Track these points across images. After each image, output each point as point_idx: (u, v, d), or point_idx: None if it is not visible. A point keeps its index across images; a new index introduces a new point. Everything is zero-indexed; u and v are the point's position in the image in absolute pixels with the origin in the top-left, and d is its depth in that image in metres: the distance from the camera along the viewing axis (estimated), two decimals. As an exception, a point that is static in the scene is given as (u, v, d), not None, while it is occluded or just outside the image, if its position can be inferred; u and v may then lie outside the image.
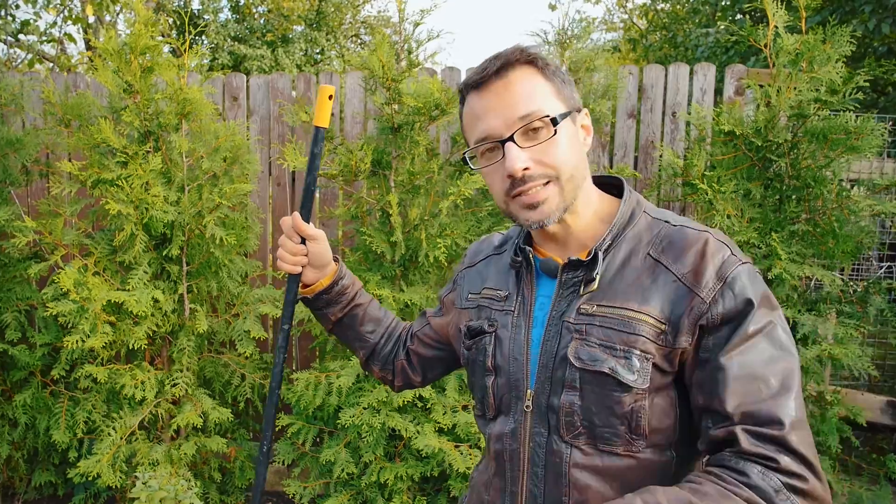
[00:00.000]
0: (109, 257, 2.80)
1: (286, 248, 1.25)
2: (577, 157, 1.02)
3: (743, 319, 0.92)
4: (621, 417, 0.95)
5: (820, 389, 2.63)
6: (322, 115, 1.24)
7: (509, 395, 1.06)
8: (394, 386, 1.39)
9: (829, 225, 2.63)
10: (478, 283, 1.19)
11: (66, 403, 2.92)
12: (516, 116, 0.98)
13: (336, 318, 1.34)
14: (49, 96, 2.79)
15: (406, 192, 2.76)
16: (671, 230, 1.01)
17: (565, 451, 0.99)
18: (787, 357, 0.91)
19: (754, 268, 0.97)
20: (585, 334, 0.98)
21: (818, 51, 2.59)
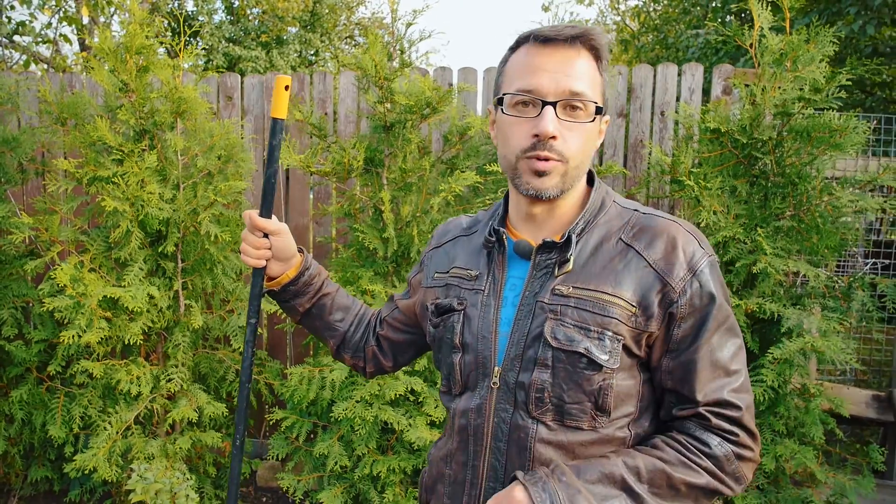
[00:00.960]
0: (105, 254, 2.83)
1: (248, 243, 1.27)
2: (588, 153, 1.08)
3: (708, 313, 1.01)
4: (589, 395, 1.01)
5: (804, 382, 2.68)
6: (279, 106, 1.23)
7: (476, 373, 1.10)
8: (365, 372, 1.42)
9: (813, 221, 2.68)
10: (445, 262, 1.23)
11: (63, 399, 2.95)
12: (570, 88, 1.02)
13: (304, 309, 1.35)
14: (46, 95, 2.82)
15: (398, 190, 2.80)
16: (641, 217, 1.08)
17: (531, 426, 1.03)
18: (739, 343, 1.05)
19: (716, 259, 1.06)
20: (560, 315, 1.02)
21: (802, 50, 2.65)
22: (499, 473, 1.06)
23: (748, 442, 1.02)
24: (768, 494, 2.71)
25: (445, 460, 1.15)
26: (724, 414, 1.01)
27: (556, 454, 1.02)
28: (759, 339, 2.76)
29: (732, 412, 1.01)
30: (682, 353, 1.02)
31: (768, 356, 2.53)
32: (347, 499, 2.73)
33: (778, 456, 2.61)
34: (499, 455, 1.06)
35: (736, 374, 1.03)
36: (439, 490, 1.17)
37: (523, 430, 1.03)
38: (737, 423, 1.02)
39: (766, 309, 2.60)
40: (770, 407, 2.69)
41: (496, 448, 1.06)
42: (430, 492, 1.21)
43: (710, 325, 1.01)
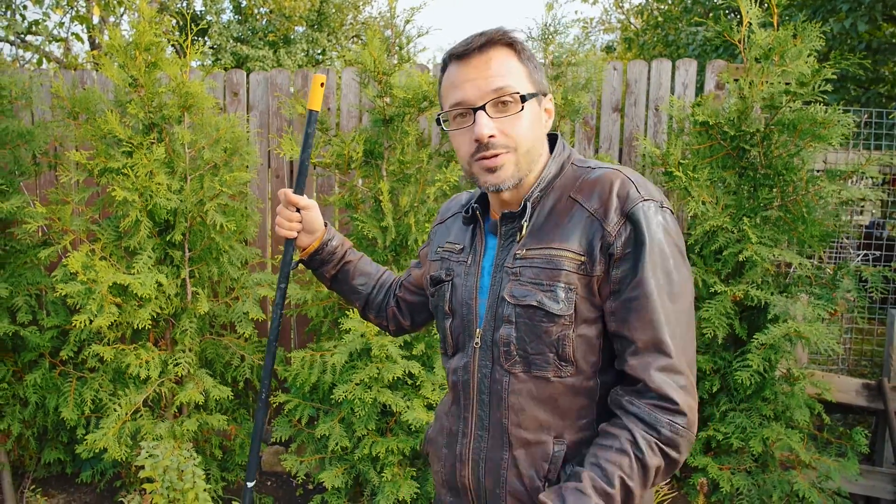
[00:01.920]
0: (115, 243, 2.94)
1: (283, 216, 1.45)
2: (536, 135, 1.16)
3: (641, 253, 1.06)
4: (549, 345, 1.11)
5: (789, 367, 2.76)
6: (315, 99, 1.42)
7: (463, 335, 1.23)
8: (389, 330, 1.59)
9: (799, 211, 2.76)
10: (444, 236, 1.36)
11: (75, 383, 3.06)
12: (490, 88, 1.11)
13: (331, 276, 1.54)
14: (59, 90, 2.94)
15: (397, 181, 2.90)
16: (590, 174, 1.16)
17: (505, 379, 1.15)
18: (680, 282, 1.08)
19: (656, 203, 1.09)
20: (519, 275, 1.13)
21: (789, 45, 2.73)
22: (484, 423, 1.19)
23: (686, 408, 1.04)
24: (756, 476, 2.79)
25: (446, 414, 1.29)
26: (666, 395, 1.03)
27: (528, 403, 1.13)
28: (746, 326, 2.85)
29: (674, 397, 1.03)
30: (622, 293, 1.07)
31: (754, 342, 2.62)
32: (348, 479, 2.83)
33: (765, 439, 2.70)
34: (483, 406, 1.18)
35: (674, 325, 1.05)
36: (439, 441, 1.31)
37: (499, 383, 1.16)
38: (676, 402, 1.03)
39: (753, 296, 2.68)
40: (757, 391, 2.77)
41: (481, 400, 1.19)
42: (431, 443, 1.35)
43: (646, 265, 1.05)
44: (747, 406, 2.78)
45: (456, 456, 1.24)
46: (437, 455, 1.31)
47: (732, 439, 2.71)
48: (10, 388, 3.10)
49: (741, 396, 2.79)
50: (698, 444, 2.85)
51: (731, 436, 2.72)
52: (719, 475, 2.73)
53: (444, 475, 1.28)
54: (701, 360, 2.82)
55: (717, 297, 2.73)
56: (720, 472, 2.74)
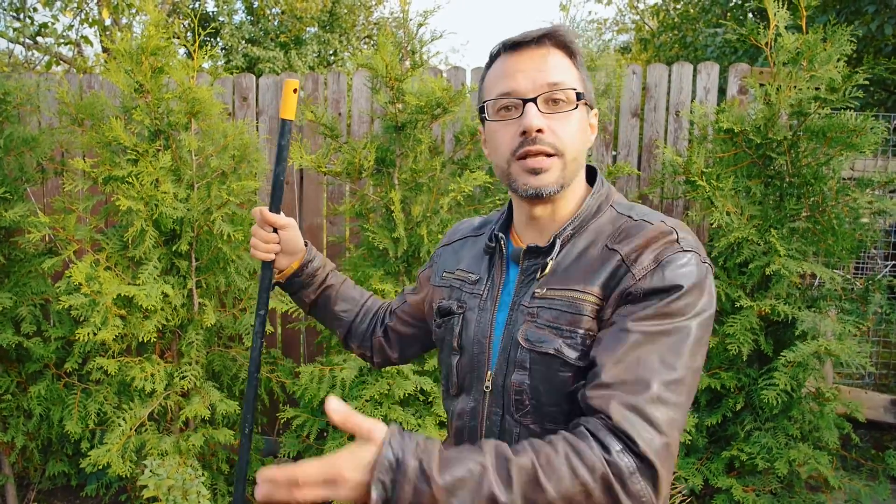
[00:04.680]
0: (121, 252, 2.87)
1: (258, 237, 1.32)
2: (582, 143, 1.07)
3: (664, 298, 0.93)
4: (566, 396, 0.99)
5: (818, 385, 2.65)
6: (287, 107, 1.28)
7: (471, 375, 1.11)
8: (373, 362, 1.45)
9: (829, 222, 2.65)
10: (453, 262, 1.24)
11: (79, 395, 3.00)
12: (546, 81, 1.03)
13: (310, 300, 1.41)
14: (63, 96, 2.87)
15: (409, 190, 2.81)
16: (631, 224, 1.04)
17: (515, 429, 1.04)
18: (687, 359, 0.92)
19: (703, 263, 0.98)
20: (536, 317, 1.02)
21: (818, 49, 2.61)
22: None
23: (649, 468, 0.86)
24: (782, 499, 2.68)
25: None
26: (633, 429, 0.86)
27: None
28: (772, 342, 2.73)
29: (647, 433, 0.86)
30: (619, 323, 0.94)
31: (781, 359, 2.50)
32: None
33: (791, 460, 2.58)
34: None
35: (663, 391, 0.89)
36: None
37: (509, 434, 1.05)
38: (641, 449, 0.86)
39: (780, 311, 2.57)
40: (784, 411, 2.66)
41: None
42: None
43: (665, 307, 0.92)
44: (773, 425, 2.67)
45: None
46: None
47: (758, 460, 2.60)
48: (14, 399, 3.04)
49: (767, 415, 2.68)
50: (721, 465, 2.73)
51: (756, 456, 2.61)
52: (744, 497, 2.62)
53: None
54: (724, 377, 2.70)
55: (743, 312, 2.61)
56: (745, 495, 2.63)
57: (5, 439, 3.00)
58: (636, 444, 0.85)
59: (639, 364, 0.90)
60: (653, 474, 0.84)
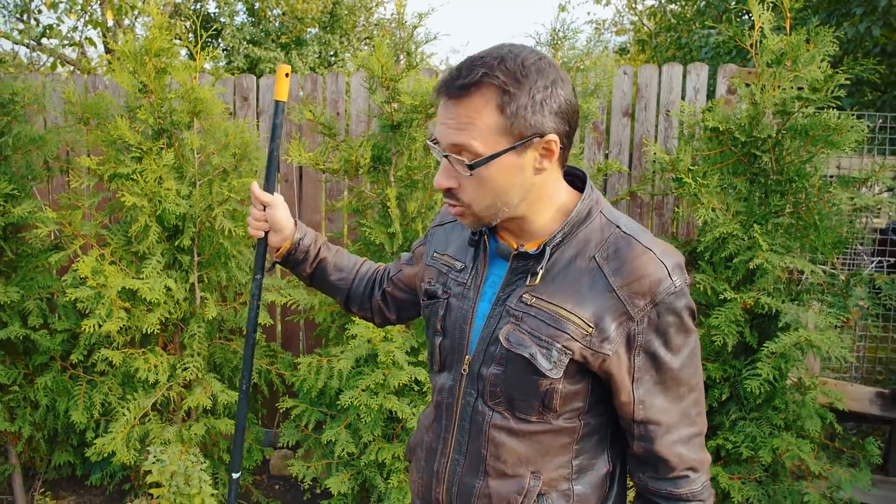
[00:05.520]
0: (125, 248, 2.96)
1: (252, 215, 1.45)
2: (506, 189, 1.06)
3: (667, 340, 1.06)
4: (536, 395, 1.09)
5: (800, 376, 2.73)
6: (280, 89, 1.44)
7: (452, 357, 1.20)
8: (374, 322, 1.55)
9: (812, 218, 2.73)
10: (443, 243, 1.31)
11: (84, 386, 3.08)
12: (450, 142, 1.04)
13: (308, 274, 1.52)
14: (70, 96, 2.96)
15: (405, 187, 2.90)
16: (619, 237, 1.08)
17: (488, 413, 1.13)
18: (699, 374, 1.11)
19: (686, 288, 1.08)
20: (519, 321, 1.09)
21: (801, 50, 2.69)
22: (462, 448, 1.17)
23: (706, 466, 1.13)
24: (766, 486, 2.76)
25: (427, 428, 1.27)
26: (694, 466, 1.10)
27: (508, 439, 1.12)
28: (757, 335, 2.81)
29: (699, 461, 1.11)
30: (649, 380, 1.07)
31: (764, 350, 2.58)
32: (354, 485, 2.83)
33: (775, 449, 2.66)
34: (463, 432, 1.17)
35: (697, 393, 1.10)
36: (419, 453, 1.29)
37: (481, 415, 1.14)
38: (701, 481, 1.11)
39: (764, 304, 2.65)
40: (767, 401, 2.74)
41: (461, 426, 1.17)
42: (412, 452, 1.34)
43: (672, 350, 1.06)
44: (757, 415, 2.75)
45: (433, 472, 1.22)
46: (416, 466, 1.30)
47: (742, 448, 2.68)
48: (21, 390, 3.13)
49: (751, 405, 2.76)
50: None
51: (741, 445, 2.69)
52: (730, 485, 2.70)
53: (420, 487, 1.27)
54: (710, 368, 2.79)
55: (727, 305, 2.70)
56: (731, 482, 2.71)
57: (12, 429, 3.09)
58: (700, 467, 1.13)
59: (680, 402, 1.10)
60: (707, 474, 1.14)
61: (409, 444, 1.38)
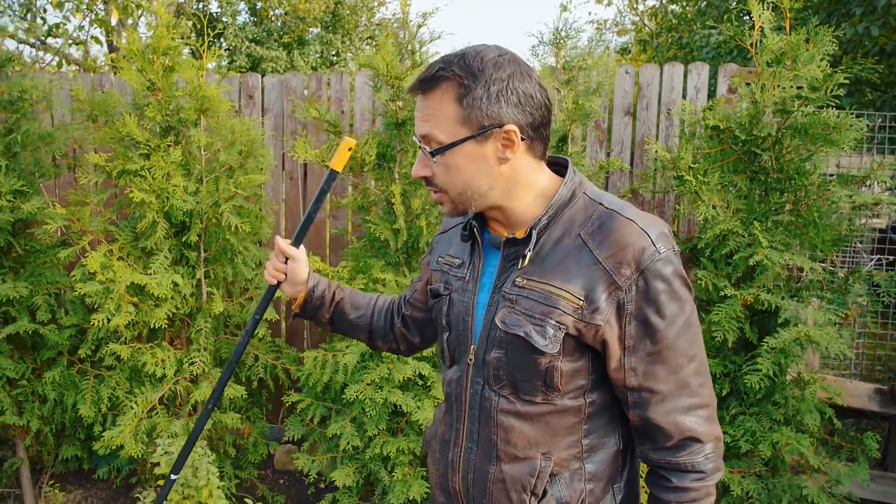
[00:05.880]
0: (133, 244, 3.00)
1: (272, 264, 1.48)
2: (473, 175, 1.13)
3: (658, 308, 1.08)
4: (537, 374, 1.13)
5: (799, 371, 2.76)
6: (339, 160, 1.42)
7: (458, 349, 1.25)
8: (400, 351, 1.58)
9: (811, 215, 2.76)
10: (446, 247, 1.37)
11: (92, 381, 3.12)
12: (420, 133, 1.15)
13: (327, 319, 1.54)
14: (78, 94, 3.00)
15: (409, 184, 2.94)
16: (602, 213, 1.13)
17: (494, 398, 1.17)
18: (695, 332, 1.12)
19: (672, 253, 1.10)
20: (514, 303, 1.14)
21: (801, 50, 2.73)
22: (474, 435, 1.22)
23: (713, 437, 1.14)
24: (766, 480, 2.79)
25: (441, 421, 1.32)
26: (695, 436, 1.11)
27: (516, 422, 1.16)
28: (757, 331, 2.85)
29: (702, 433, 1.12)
30: (643, 348, 1.09)
31: (764, 345, 2.62)
32: (359, 478, 2.86)
33: (775, 443, 2.70)
34: (473, 420, 1.21)
35: (697, 363, 1.12)
36: (433, 445, 1.34)
37: (488, 401, 1.18)
38: (704, 453, 1.12)
39: (763, 300, 2.68)
40: (767, 396, 2.77)
41: (471, 414, 1.22)
42: (428, 445, 1.39)
43: (666, 317, 1.08)
44: (757, 410, 2.79)
45: (448, 462, 1.26)
46: (432, 458, 1.34)
47: (741, 443, 2.72)
48: (29, 384, 3.16)
49: (751, 400, 2.79)
50: (708, 448, 2.85)
51: (741, 439, 2.73)
52: (730, 478, 2.74)
53: (437, 477, 1.31)
54: (711, 364, 2.82)
55: (728, 301, 2.73)
56: (730, 476, 2.75)
57: (21, 423, 3.12)
58: (705, 438, 1.15)
59: (677, 371, 1.12)
60: (716, 445, 1.16)
61: (424, 438, 1.43)
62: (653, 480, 1.17)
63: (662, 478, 1.14)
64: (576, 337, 1.11)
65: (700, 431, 1.11)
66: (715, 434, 1.13)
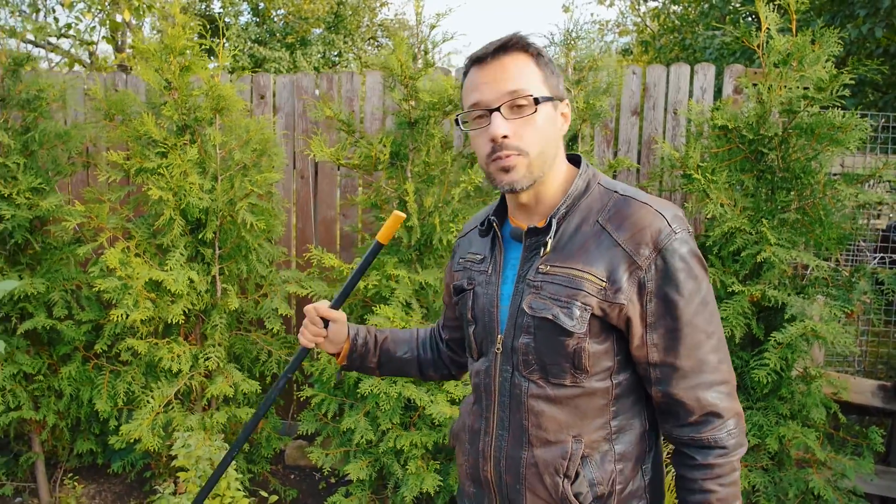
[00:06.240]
0: (149, 241, 3.05)
1: (309, 329, 1.49)
2: (549, 138, 1.19)
3: (677, 286, 1.13)
4: (565, 356, 1.17)
5: (805, 366, 2.81)
6: (386, 234, 1.45)
7: (486, 340, 1.29)
8: (452, 376, 1.62)
9: (817, 214, 2.81)
10: (466, 248, 1.42)
11: (108, 376, 3.16)
12: (505, 90, 1.16)
13: (376, 363, 1.57)
14: (96, 93, 3.05)
15: (422, 182, 2.98)
16: (618, 199, 1.20)
17: (524, 384, 1.22)
18: (712, 309, 1.17)
19: (687, 234, 1.16)
20: (539, 289, 1.19)
21: (807, 51, 2.78)
22: (504, 423, 1.25)
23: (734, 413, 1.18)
24: (772, 474, 2.84)
25: (469, 412, 1.36)
26: (716, 411, 1.16)
27: (546, 406, 1.20)
28: (764, 327, 2.90)
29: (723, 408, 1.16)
30: (662, 325, 1.14)
31: (771, 340, 2.67)
32: (372, 472, 2.91)
33: (781, 437, 2.75)
34: (503, 408, 1.25)
35: (715, 341, 1.16)
36: (462, 437, 1.37)
37: (518, 388, 1.22)
38: (727, 429, 1.16)
39: (770, 296, 2.73)
40: (774, 391, 2.82)
41: (501, 402, 1.26)
42: (456, 438, 1.42)
43: (684, 295, 1.13)
44: (764, 405, 2.84)
45: (479, 452, 1.30)
46: (461, 449, 1.37)
47: (749, 437, 2.76)
48: (45, 380, 3.21)
49: (758, 395, 2.84)
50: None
51: (748, 433, 2.78)
52: (736, 472, 2.78)
53: (467, 468, 1.34)
54: (718, 360, 2.86)
55: (735, 297, 2.78)
56: (737, 469, 2.79)
57: (37, 418, 3.17)
58: (725, 413, 1.19)
59: (696, 349, 1.16)
60: (738, 421, 1.20)
61: (451, 431, 1.46)
62: (678, 460, 1.21)
63: (687, 456, 1.19)
64: (600, 318, 1.15)
65: (721, 406, 1.16)
66: (735, 410, 1.17)
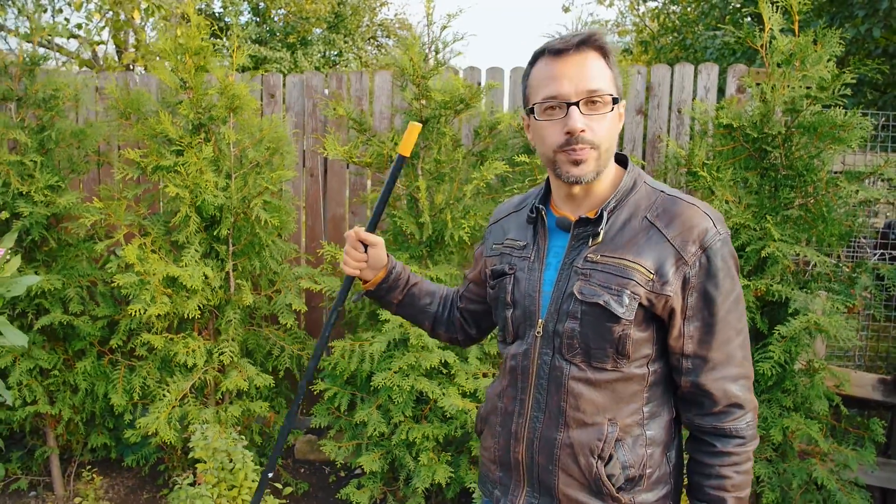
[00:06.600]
0: (164, 237, 3.10)
1: (350, 255, 1.53)
2: (613, 135, 1.27)
3: (717, 283, 1.22)
4: (610, 342, 1.23)
5: (809, 359, 2.88)
6: (407, 145, 1.48)
7: (524, 324, 1.34)
8: (458, 341, 1.67)
9: (819, 210, 2.88)
10: (500, 235, 1.47)
11: (123, 370, 3.21)
12: (586, 88, 1.21)
13: (398, 301, 1.62)
14: (112, 92, 3.10)
15: (433, 180, 3.04)
16: (666, 199, 1.27)
17: (565, 366, 1.27)
18: (742, 308, 1.25)
19: (728, 236, 1.25)
20: (589, 276, 1.25)
21: (809, 51, 2.85)
22: (541, 405, 1.30)
23: (753, 405, 1.27)
24: (776, 465, 2.91)
25: (499, 396, 1.40)
26: (738, 402, 1.24)
27: (586, 389, 1.25)
28: (768, 321, 2.96)
29: (745, 399, 1.24)
30: (699, 318, 1.22)
31: (775, 334, 2.73)
32: (384, 464, 2.97)
33: (785, 428, 2.81)
34: (541, 390, 1.30)
35: (743, 338, 1.25)
36: (492, 420, 1.41)
37: (559, 370, 1.27)
38: (746, 420, 1.24)
39: (775, 291, 2.80)
40: (777, 383, 2.89)
41: (539, 384, 1.30)
42: (484, 422, 1.46)
43: (721, 292, 1.21)
44: (768, 397, 2.90)
45: (511, 433, 1.34)
46: (490, 432, 1.41)
47: (754, 428, 2.82)
48: (60, 374, 3.26)
49: (762, 387, 2.91)
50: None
51: (753, 425, 2.84)
52: (741, 463, 2.85)
53: (496, 451, 1.38)
54: (723, 353, 2.93)
55: (740, 292, 2.84)
56: (742, 460, 2.85)
57: (53, 412, 3.22)
58: (747, 404, 1.27)
59: (727, 343, 1.25)
60: (755, 414, 1.29)
61: (479, 415, 1.50)
62: (697, 447, 1.28)
63: (707, 444, 1.25)
64: (646, 307, 1.22)
65: (743, 398, 1.23)
66: (754, 403, 1.25)
